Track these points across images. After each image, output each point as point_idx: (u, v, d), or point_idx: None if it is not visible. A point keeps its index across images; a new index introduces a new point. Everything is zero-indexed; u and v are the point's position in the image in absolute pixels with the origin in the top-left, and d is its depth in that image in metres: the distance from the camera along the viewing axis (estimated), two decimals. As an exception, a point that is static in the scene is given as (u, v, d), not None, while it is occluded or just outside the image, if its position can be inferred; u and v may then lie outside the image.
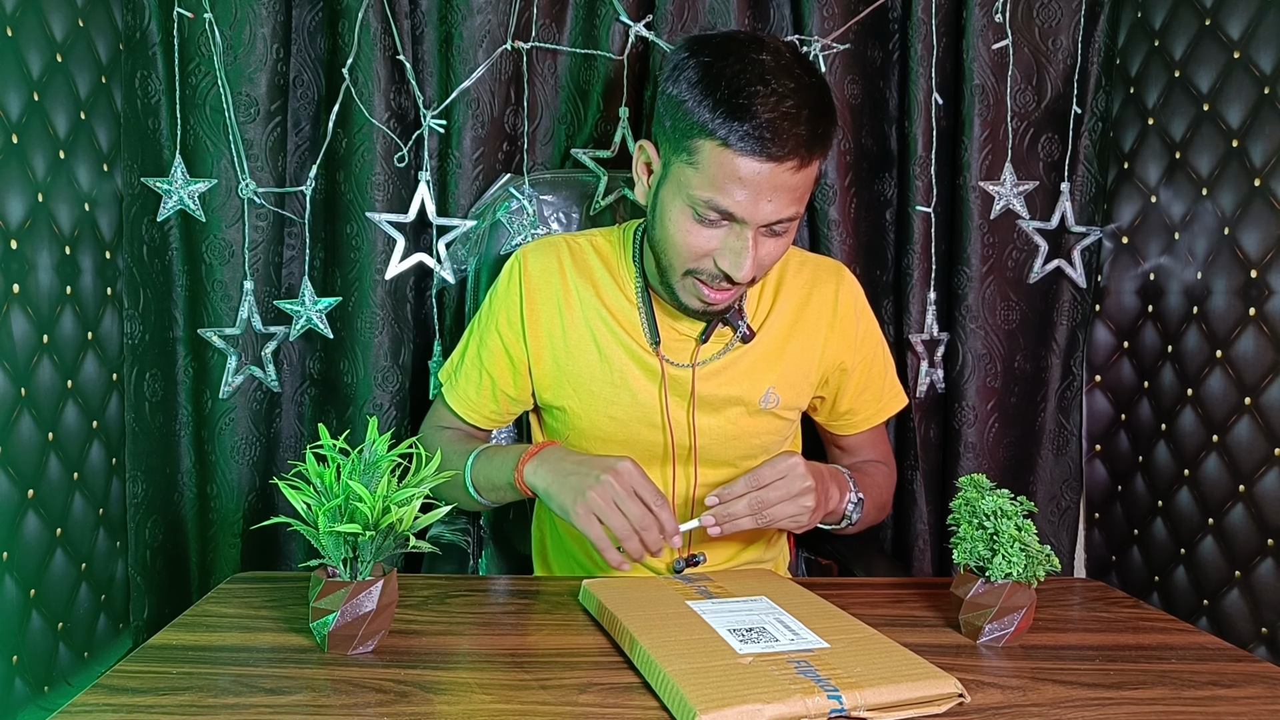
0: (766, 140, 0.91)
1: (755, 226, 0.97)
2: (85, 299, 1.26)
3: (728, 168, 0.93)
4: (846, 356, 1.18)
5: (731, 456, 1.16)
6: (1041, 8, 1.46)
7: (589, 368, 1.13)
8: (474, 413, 1.19)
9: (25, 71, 1.13)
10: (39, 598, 1.15)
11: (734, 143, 0.92)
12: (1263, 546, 1.22)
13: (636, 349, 1.12)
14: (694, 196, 0.96)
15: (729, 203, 0.95)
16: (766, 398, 1.14)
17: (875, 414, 1.25)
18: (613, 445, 1.13)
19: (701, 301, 1.04)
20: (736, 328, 1.11)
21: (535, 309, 1.14)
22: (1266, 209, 1.22)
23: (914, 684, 0.75)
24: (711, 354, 1.13)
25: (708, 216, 0.97)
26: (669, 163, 1.00)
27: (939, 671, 0.78)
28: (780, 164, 0.93)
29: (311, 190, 1.42)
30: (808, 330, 1.16)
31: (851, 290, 1.20)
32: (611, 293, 1.13)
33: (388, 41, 1.38)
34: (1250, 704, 0.79)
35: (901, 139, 1.50)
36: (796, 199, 0.97)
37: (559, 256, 1.15)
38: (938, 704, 0.75)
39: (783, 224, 0.98)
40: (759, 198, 0.94)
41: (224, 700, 0.74)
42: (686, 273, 1.02)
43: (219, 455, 1.42)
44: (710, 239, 0.99)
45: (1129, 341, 1.49)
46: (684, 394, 1.13)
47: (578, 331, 1.13)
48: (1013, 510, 0.90)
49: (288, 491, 0.82)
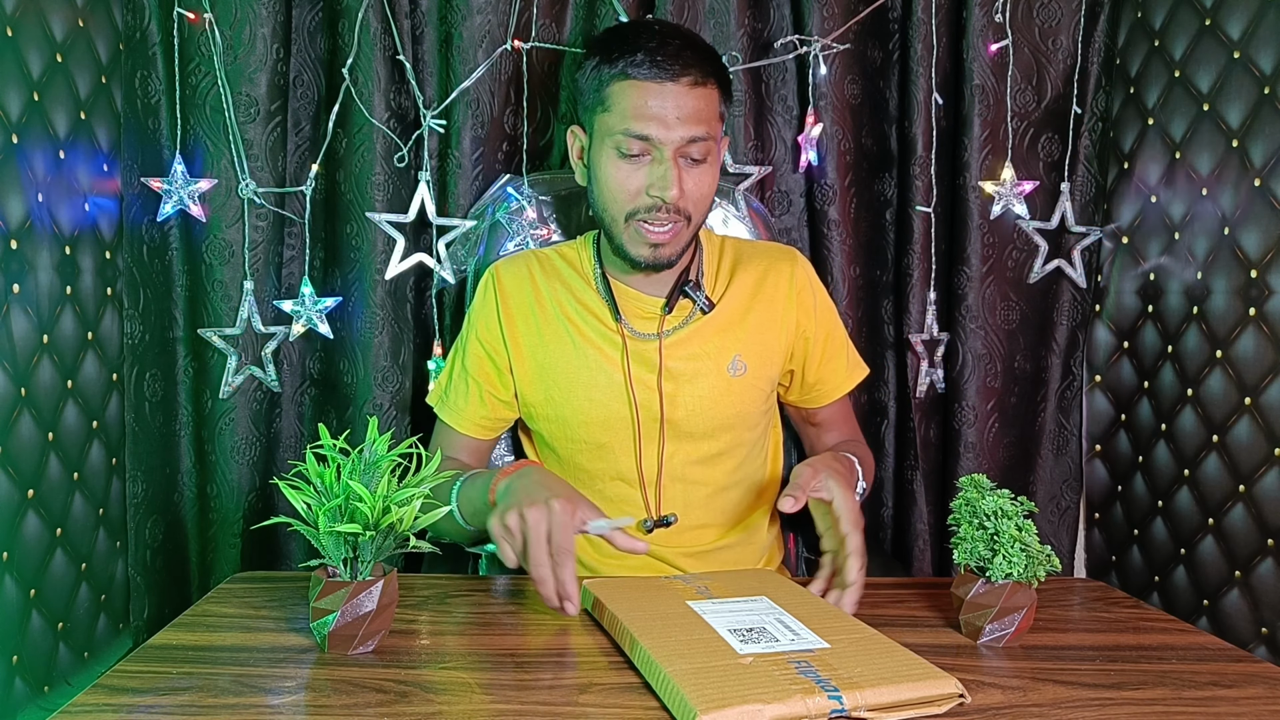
0: (658, 60, 1.06)
1: (671, 147, 1.07)
2: (85, 299, 1.26)
3: (634, 95, 1.07)
4: (807, 325, 1.24)
5: (709, 427, 1.19)
6: (1041, 8, 1.46)
7: (565, 356, 1.19)
8: (466, 422, 1.23)
9: (25, 71, 1.13)
10: (39, 598, 1.15)
11: (631, 71, 1.07)
12: (1263, 546, 1.22)
13: (602, 328, 1.19)
14: (615, 135, 1.08)
15: (641, 125, 1.06)
16: (734, 365, 1.19)
17: (843, 382, 1.29)
18: (594, 428, 1.18)
19: (648, 245, 1.11)
20: (695, 299, 1.17)
21: (511, 314, 1.21)
22: (1266, 209, 1.22)
23: (914, 684, 0.75)
24: (675, 325, 1.19)
25: (630, 150, 1.08)
26: (592, 126, 1.13)
27: (939, 672, 0.78)
28: (676, 81, 1.06)
29: (311, 190, 1.42)
30: (767, 302, 1.22)
31: (805, 268, 1.27)
32: (578, 285, 1.21)
33: (388, 41, 1.38)
34: (1250, 704, 0.79)
35: (901, 139, 1.50)
36: (702, 119, 1.08)
37: (528, 266, 1.24)
38: (938, 704, 0.75)
39: (697, 145, 1.08)
40: (666, 115, 1.06)
41: (224, 700, 0.75)
42: (628, 218, 1.11)
43: (219, 455, 1.42)
44: (637, 174, 1.09)
45: (1129, 341, 1.49)
46: (650, 362, 1.18)
47: (551, 326, 1.20)
48: (1013, 510, 0.90)
49: (288, 491, 0.82)
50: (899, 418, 1.55)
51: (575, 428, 1.19)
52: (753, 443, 1.24)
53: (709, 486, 1.21)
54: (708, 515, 1.21)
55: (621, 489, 1.20)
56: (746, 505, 1.25)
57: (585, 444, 1.19)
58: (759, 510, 1.27)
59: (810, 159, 1.46)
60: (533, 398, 1.21)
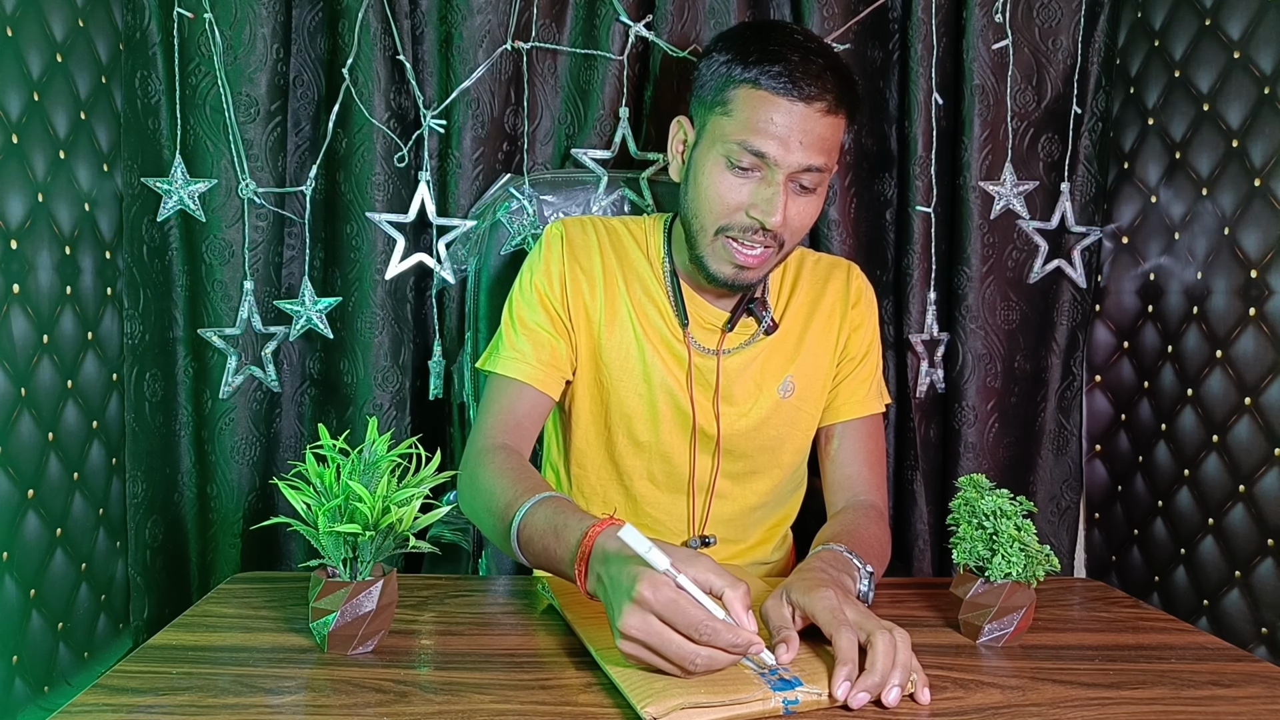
0: (797, 78, 0.99)
1: (786, 171, 1.01)
2: (85, 299, 1.26)
3: (760, 107, 1.00)
4: (855, 344, 1.19)
5: (749, 448, 1.16)
6: (1041, 8, 1.46)
7: (624, 345, 1.13)
8: (527, 368, 1.09)
9: (25, 71, 1.13)
10: (39, 598, 1.15)
11: (765, 83, 0.99)
12: (1263, 546, 1.22)
13: (665, 330, 1.14)
14: (729, 143, 1.01)
15: (761, 141, 1.00)
16: (784, 386, 1.16)
17: (858, 406, 1.19)
18: (638, 424, 1.14)
19: (733, 265, 1.06)
20: (760, 319, 1.14)
21: (577, 277, 1.14)
22: (1266, 209, 1.22)
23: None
24: (736, 344, 1.15)
25: (741, 162, 1.01)
26: (704, 124, 1.06)
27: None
28: (809, 104, 0.99)
29: (311, 190, 1.42)
30: (824, 320, 1.18)
31: (861, 281, 1.23)
32: (646, 275, 1.15)
33: (388, 41, 1.38)
34: (1250, 704, 0.79)
35: (901, 139, 1.50)
36: (825, 149, 1.02)
37: (596, 234, 1.17)
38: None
39: (811, 174, 1.02)
40: (789, 137, 1.00)
41: (224, 700, 0.75)
42: (718, 231, 1.05)
43: (219, 455, 1.42)
44: (742, 189, 1.02)
45: (1129, 341, 1.49)
46: (708, 382, 1.14)
47: (613, 306, 1.14)
48: (1012, 510, 0.90)
49: (288, 491, 0.82)
50: (899, 418, 1.55)
51: (617, 419, 1.14)
52: (790, 465, 1.20)
53: (737, 504, 1.18)
54: (730, 532, 1.19)
55: (650, 490, 1.17)
56: (769, 526, 1.23)
57: (624, 437, 1.15)
58: (780, 533, 1.25)
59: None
60: (581, 373, 1.15)
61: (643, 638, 0.73)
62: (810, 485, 1.30)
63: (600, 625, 0.86)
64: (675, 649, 0.73)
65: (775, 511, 1.23)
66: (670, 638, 0.73)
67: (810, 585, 0.84)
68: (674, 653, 0.73)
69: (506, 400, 1.09)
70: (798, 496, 1.28)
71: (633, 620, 0.73)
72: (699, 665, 0.73)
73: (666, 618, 0.73)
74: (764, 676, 0.75)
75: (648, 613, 0.73)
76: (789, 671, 0.76)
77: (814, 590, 0.82)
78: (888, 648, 0.76)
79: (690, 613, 0.72)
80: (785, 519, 1.26)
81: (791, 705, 0.73)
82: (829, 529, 1.09)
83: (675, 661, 0.73)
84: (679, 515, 1.18)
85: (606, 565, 0.79)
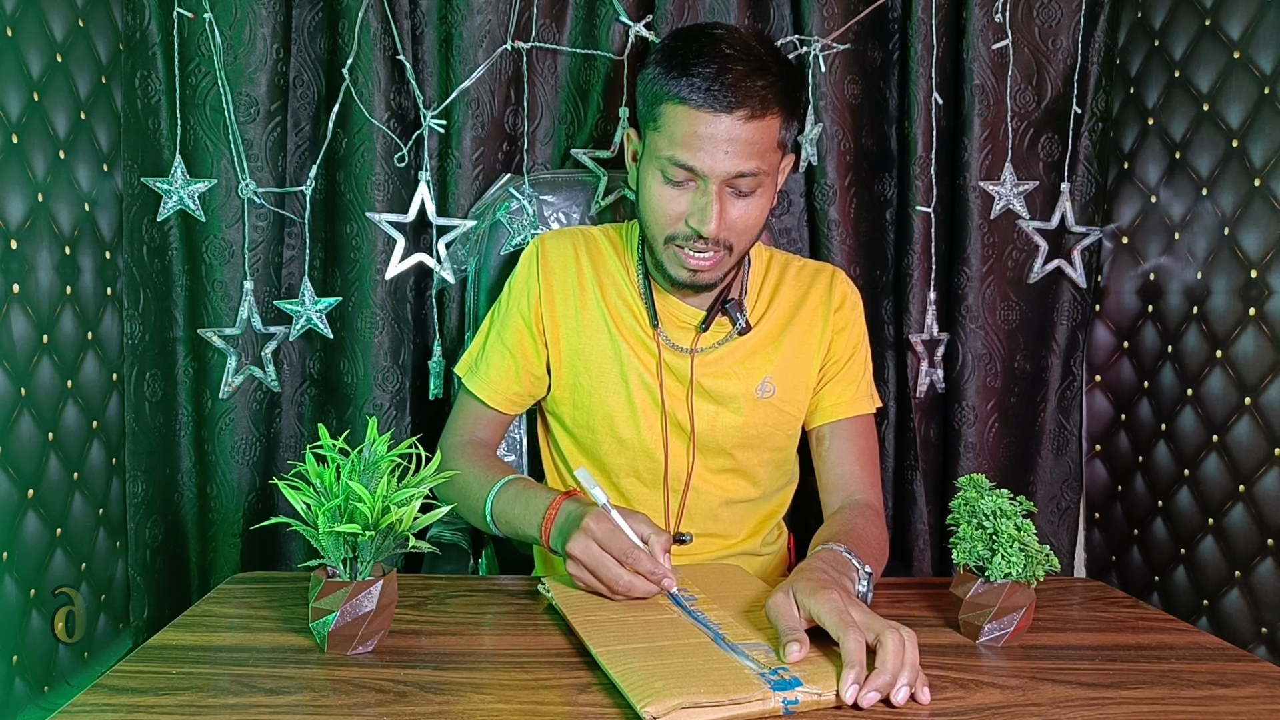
0: (715, 92, 0.99)
1: (717, 181, 1.02)
2: (85, 299, 1.26)
3: (684, 123, 1.01)
4: (837, 345, 1.20)
5: (729, 445, 1.18)
6: (1041, 8, 1.46)
7: (600, 347, 1.17)
8: (498, 396, 1.20)
9: (25, 71, 1.13)
10: (39, 598, 1.15)
11: (686, 96, 1.00)
12: (1263, 546, 1.22)
13: (638, 330, 1.17)
14: (661, 158, 1.04)
15: (688, 156, 1.02)
16: (763, 387, 1.17)
17: (845, 407, 1.19)
18: (619, 423, 1.17)
19: (686, 270, 1.09)
20: (735, 320, 1.15)
21: (552, 290, 1.19)
22: (1266, 209, 1.22)
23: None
24: (710, 343, 1.17)
25: (675, 177, 1.04)
26: (645, 138, 1.09)
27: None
28: (731, 114, 1.00)
29: (311, 190, 1.42)
30: (805, 324, 1.19)
31: (846, 285, 1.23)
32: (619, 278, 1.19)
33: (388, 41, 1.38)
34: (1250, 704, 0.79)
35: (901, 139, 1.50)
36: (754, 154, 1.02)
37: (574, 244, 1.21)
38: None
39: (745, 179, 1.03)
40: (715, 149, 1.01)
41: (224, 700, 0.75)
42: (667, 240, 1.08)
43: (219, 455, 1.42)
44: (680, 200, 1.05)
45: (1129, 341, 1.49)
46: (684, 380, 1.17)
47: (590, 313, 1.18)
48: (1012, 510, 0.90)
49: (288, 491, 0.82)
50: (899, 418, 1.55)
51: (599, 419, 1.18)
52: (773, 463, 1.22)
53: (717, 498, 1.20)
54: (716, 526, 1.21)
55: (636, 487, 1.20)
56: (756, 521, 1.24)
57: (607, 436, 1.18)
58: (768, 527, 1.26)
59: (810, 159, 1.46)
60: (562, 380, 1.19)
61: (584, 559, 0.92)
62: (810, 485, 1.30)
63: (600, 625, 0.86)
64: (607, 570, 0.91)
65: (762, 506, 1.24)
66: (604, 559, 0.92)
67: (815, 586, 0.85)
68: (606, 574, 0.91)
69: (471, 412, 1.23)
70: (787, 492, 1.29)
71: (578, 545, 0.93)
72: (622, 586, 0.91)
73: (603, 543, 0.92)
74: (764, 676, 0.75)
75: (590, 539, 0.92)
76: (789, 671, 0.76)
77: (819, 592, 0.84)
78: (897, 647, 0.77)
79: (621, 541, 0.92)
80: (774, 513, 1.27)
81: (791, 705, 0.73)
82: (827, 529, 1.10)
83: (606, 582, 0.92)
84: (660, 510, 1.19)
85: (566, 516, 0.98)
